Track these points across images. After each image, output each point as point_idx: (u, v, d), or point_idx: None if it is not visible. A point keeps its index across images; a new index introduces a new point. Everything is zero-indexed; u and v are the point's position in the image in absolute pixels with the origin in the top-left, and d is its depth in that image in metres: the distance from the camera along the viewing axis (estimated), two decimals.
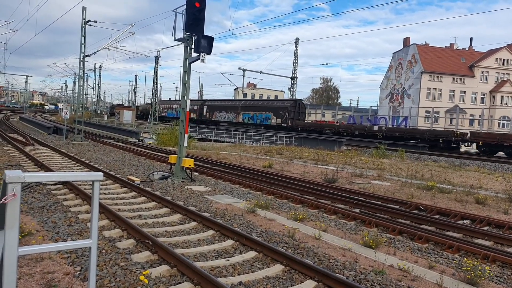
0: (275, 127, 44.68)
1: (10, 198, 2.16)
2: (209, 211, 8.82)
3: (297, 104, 45.72)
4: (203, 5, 11.95)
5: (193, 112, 58.03)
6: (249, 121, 49.32)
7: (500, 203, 11.37)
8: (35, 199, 8.95)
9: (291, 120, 44.35)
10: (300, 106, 46.39)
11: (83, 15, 25.82)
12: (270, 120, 46.44)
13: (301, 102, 48.28)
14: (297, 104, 45.95)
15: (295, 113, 44.78)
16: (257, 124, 47.96)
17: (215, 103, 58.39)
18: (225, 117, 53.33)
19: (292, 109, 44.70)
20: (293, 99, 49.65)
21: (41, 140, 24.39)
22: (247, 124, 49.26)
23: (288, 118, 44.24)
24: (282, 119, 44.79)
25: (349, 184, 13.82)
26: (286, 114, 44.34)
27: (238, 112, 51.26)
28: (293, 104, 45.45)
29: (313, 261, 5.93)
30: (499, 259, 6.44)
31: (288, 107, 44.70)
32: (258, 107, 49.34)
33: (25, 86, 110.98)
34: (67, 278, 4.85)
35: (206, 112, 57.16)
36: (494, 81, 61.91)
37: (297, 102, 46.76)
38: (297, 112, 44.99)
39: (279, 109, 45.52)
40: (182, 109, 13.12)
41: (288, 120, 44.22)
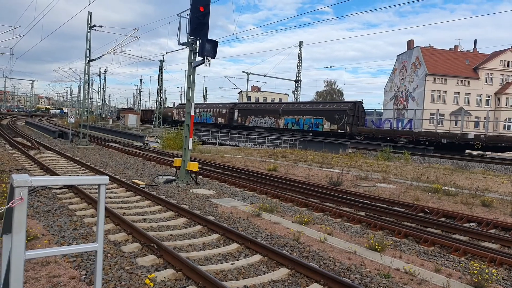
0: (329, 134, 38.72)
1: (17, 202, 2.18)
2: (214, 214, 8.82)
3: (356, 107, 39.19)
4: (207, 10, 12.00)
5: (221, 117, 54.68)
6: (293, 126, 43.25)
7: (506, 206, 11.28)
8: (41, 203, 8.99)
9: (350, 126, 38.12)
10: (360, 109, 39.81)
11: (88, 20, 26.00)
12: (322, 125, 40.02)
13: (361, 104, 40.74)
14: (357, 107, 39.34)
15: (354, 118, 38.53)
16: (304, 131, 41.92)
17: (249, 107, 52.95)
18: (262, 122, 47.75)
19: (351, 112, 38.38)
20: (352, 101, 42.24)
21: (46, 144, 24.52)
22: (291, 131, 43.42)
23: (346, 123, 37.79)
24: (338, 124, 38.32)
25: (354, 187, 13.77)
26: (344, 118, 37.96)
27: (279, 117, 45.43)
28: (352, 107, 38.99)
29: (319, 264, 5.91)
30: (506, 262, 6.39)
31: (346, 110, 38.22)
32: (305, 110, 42.80)
33: (31, 90, 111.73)
34: (72, 282, 4.87)
35: (237, 117, 51.84)
36: (499, 83, 61.58)
37: (357, 104, 39.72)
38: (356, 116, 38.73)
39: (333, 113, 39.03)
40: (187, 113, 13.15)
41: (346, 126, 37.83)
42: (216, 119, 55.66)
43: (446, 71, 59.89)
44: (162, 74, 59.34)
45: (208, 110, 58.42)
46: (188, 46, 12.77)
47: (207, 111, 58.43)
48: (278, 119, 45.70)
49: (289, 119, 44.23)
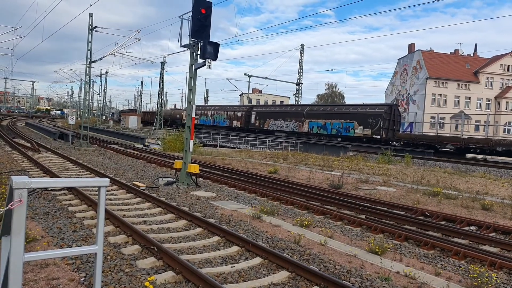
0: (362, 139, 35.97)
1: (17, 204, 2.17)
2: (215, 217, 8.80)
3: (392, 111, 36.08)
4: (209, 12, 12.02)
5: (237, 120, 51.68)
6: (320, 131, 39.91)
7: (506, 209, 11.26)
8: (40, 205, 8.98)
9: (386, 131, 35.01)
10: (396, 113, 36.53)
11: (89, 21, 26.05)
12: (353, 130, 36.76)
13: (397, 108, 37.85)
14: (393, 110, 36.28)
15: (390, 122, 35.44)
16: (332, 136, 38.84)
17: (267, 109, 49.61)
18: (283, 126, 44.59)
19: (387, 116, 35.17)
20: (387, 104, 39.91)
21: (46, 145, 24.52)
22: (316, 135, 40.30)
23: (382, 128, 34.62)
24: (373, 129, 35.14)
25: (355, 190, 13.75)
26: (379, 123, 34.66)
27: (302, 120, 42.07)
28: (388, 110, 35.77)
29: (319, 267, 5.90)
30: (506, 265, 6.38)
31: (382, 114, 34.83)
32: (334, 114, 39.31)
33: (31, 91, 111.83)
34: (72, 285, 4.85)
35: (255, 120, 48.54)
36: (499, 87, 61.63)
37: (393, 108, 36.76)
38: (392, 120, 35.66)
39: (367, 117, 35.74)
40: (188, 115, 13.15)
41: (382, 131, 34.64)
42: (230, 122, 53.05)
43: (446, 74, 59.95)
44: (163, 76, 59.44)
45: (222, 112, 55.66)
46: (189, 48, 12.78)
47: (220, 113, 55.70)
48: (302, 123, 42.25)
49: (315, 122, 40.84)
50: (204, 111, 60.13)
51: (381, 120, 34.83)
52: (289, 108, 47.28)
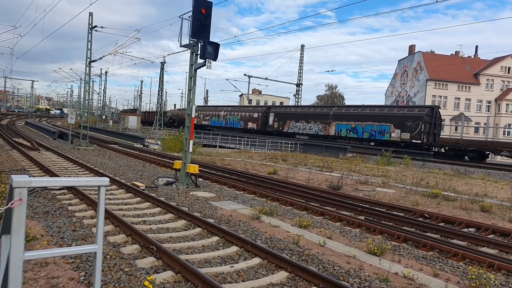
0: (399, 144, 32.80)
1: (17, 202, 2.18)
2: (214, 217, 8.81)
3: (434, 113, 32.54)
4: (209, 12, 12.03)
5: (252, 121, 48.37)
6: (349, 134, 36.68)
7: (505, 211, 11.28)
8: (40, 204, 8.99)
9: (427, 135, 31.72)
10: (437, 116, 32.94)
11: (89, 21, 26.06)
12: (389, 133, 33.57)
13: (438, 110, 33.98)
14: (434, 112, 32.65)
15: (431, 125, 32.13)
16: (364, 139, 35.59)
17: (287, 111, 45.97)
18: (305, 128, 41.21)
19: (429, 119, 31.84)
20: (429, 106, 36.27)
21: (46, 145, 24.52)
22: (345, 139, 37.05)
23: (423, 132, 31.35)
24: (412, 133, 31.94)
25: (354, 191, 13.77)
26: (420, 126, 31.48)
27: (328, 123, 38.65)
28: (429, 112, 32.20)
29: (318, 268, 5.91)
30: (504, 267, 6.40)
31: (423, 116, 31.51)
32: (366, 116, 35.73)
33: (31, 91, 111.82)
34: (71, 283, 4.86)
35: (273, 122, 45.38)
36: (500, 89, 61.70)
37: (434, 110, 33.05)
38: (433, 124, 32.33)
39: (405, 119, 32.61)
40: (188, 115, 13.16)
41: (423, 135, 31.38)
42: (245, 124, 49.83)
43: (447, 76, 59.99)
44: (163, 76, 59.42)
45: (235, 113, 52.63)
46: (189, 48, 12.79)
47: (234, 114, 52.68)
48: (328, 125, 38.76)
49: (343, 125, 37.35)
50: (215, 112, 56.83)
51: (422, 123, 31.52)
52: (313, 109, 43.16)
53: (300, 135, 41.73)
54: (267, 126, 46.48)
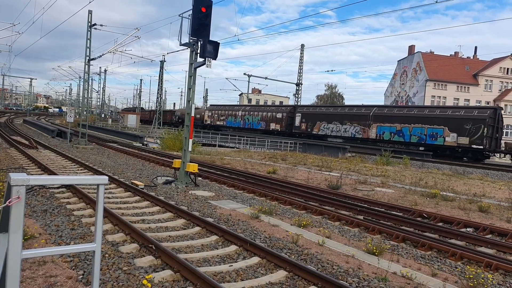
0: (455, 150, 29.76)
1: (15, 201, 2.17)
2: (213, 216, 8.81)
3: (496, 115, 29.15)
4: (209, 11, 12.01)
5: (276, 122, 45.23)
6: (393, 137, 33.32)
7: (503, 212, 11.30)
8: (38, 202, 8.97)
9: (489, 140, 28.49)
10: (499, 118, 29.51)
11: (89, 19, 26.02)
12: (443, 137, 30.13)
13: (501, 111, 30.57)
14: (497, 114, 29.27)
15: (494, 129, 28.91)
16: (411, 144, 32.32)
17: (318, 111, 41.81)
18: (339, 131, 37.74)
19: (492, 122, 28.57)
20: (491, 107, 32.89)
21: (44, 143, 24.49)
22: (388, 142, 33.71)
23: (485, 136, 28.07)
24: (472, 137, 28.61)
25: (353, 191, 13.77)
26: (482, 129, 28.17)
27: (368, 124, 35.24)
28: (492, 114, 28.83)
29: (317, 267, 5.91)
30: (501, 267, 6.41)
31: (486, 119, 28.18)
32: (414, 117, 32.27)
33: (29, 89, 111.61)
34: (69, 282, 4.85)
35: (300, 123, 41.81)
36: (498, 90, 61.83)
37: (497, 111, 29.66)
38: (496, 127, 29.17)
39: (464, 122, 29.17)
40: (187, 114, 13.14)
41: (485, 140, 28.08)
42: (267, 125, 46.52)
43: (446, 77, 60.06)
44: (163, 75, 59.34)
45: (255, 113, 48.99)
46: (189, 47, 12.77)
47: (253, 114, 49.06)
48: (367, 127, 35.24)
49: (386, 127, 33.80)
50: (232, 112, 52.93)
51: (485, 126, 27.95)
52: (348, 109, 38.98)
53: (332, 138, 38.16)
54: (293, 127, 43.01)
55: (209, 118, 57.07)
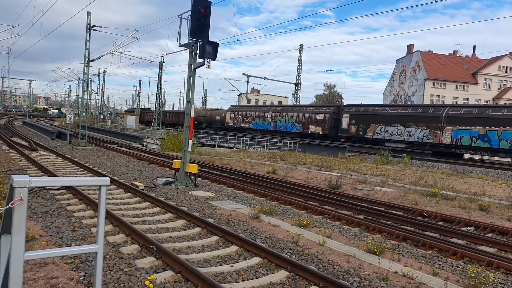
0: None
1: (17, 202, 2.17)
2: (213, 216, 8.81)
3: None
4: (208, 11, 12.01)
5: (316, 124, 40.21)
6: (475, 142, 28.18)
7: (503, 210, 11.31)
8: (39, 204, 8.97)
9: None
10: None
11: (88, 20, 26.01)
12: None
13: None
14: None
15: None
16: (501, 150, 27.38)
17: (372, 111, 35.79)
18: (401, 134, 32.38)
19: None
20: None
21: (44, 144, 24.47)
22: (467, 148, 29.23)
23: None
24: None
25: (353, 191, 13.78)
26: None
27: (440, 127, 30.10)
28: None
29: (318, 267, 5.91)
30: (503, 266, 6.41)
31: None
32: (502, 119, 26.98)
33: (28, 90, 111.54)
34: (71, 284, 4.85)
35: (349, 125, 36.58)
36: (497, 89, 61.89)
37: None
38: None
39: None
40: (187, 114, 13.13)
41: None
42: (304, 127, 41.56)
43: (445, 75, 60.12)
44: (162, 76, 59.33)
45: (288, 114, 44.01)
46: (188, 47, 12.78)
47: (286, 116, 44.12)
48: (439, 131, 30.16)
49: (465, 131, 28.75)
50: (259, 113, 47.86)
51: None
52: (411, 110, 33.28)
53: (392, 143, 32.93)
54: (340, 130, 37.86)
55: (232, 119, 52.33)
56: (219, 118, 55.13)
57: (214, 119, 56.45)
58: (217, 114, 56.81)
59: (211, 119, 56.36)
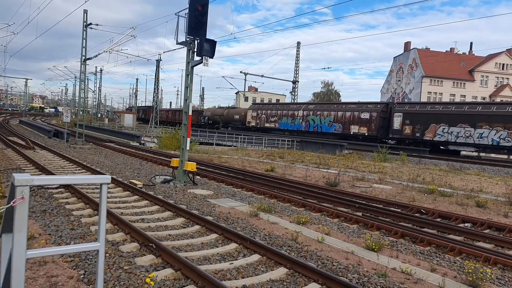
0: None
1: (19, 201, 2.18)
2: (212, 214, 8.83)
3: None
4: (206, 9, 11.99)
5: (359, 124, 36.03)
6: None
7: (500, 206, 11.38)
8: (37, 203, 8.96)
9: None
10: None
11: (84, 18, 25.91)
12: None
13: None
14: None
15: None
16: None
17: (430, 110, 31.25)
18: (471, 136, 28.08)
19: None
20: None
21: (41, 143, 24.40)
22: None
23: None
24: None
25: (351, 188, 13.82)
26: None
27: None
28: None
29: (317, 264, 5.94)
30: (500, 261, 6.46)
31: None
32: None
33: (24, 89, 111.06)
34: (71, 282, 4.86)
35: (402, 125, 32.25)
36: (494, 86, 62.06)
37: None
38: None
39: None
40: (185, 112, 13.13)
41: None
42: (345, 127, 37.41)
43: (442, 73, 60.24)
44: (159, 74, 59.17)
45: (324, 113, 39.63)
46: (186, 45, 12.77)
47: (322, 114, 39.59)
48: None
49: None
50: (287, 111, 43.53)
51: None
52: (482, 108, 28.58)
53: (458, 146, 29.26)
54: (390, 131, 33.54)
55: (254, 119, 48.43)
56: (238, 117, 51.36)
57: (232, 118, 52.95)
58: (236, 113, 53.18)
59: (229, 118, 52.93)
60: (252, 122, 48.99)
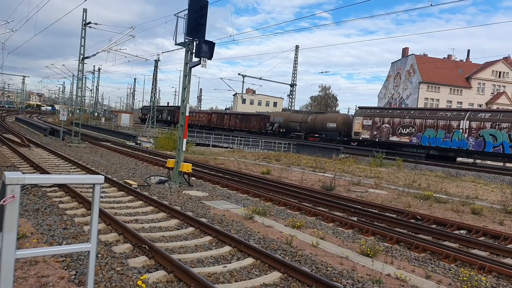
0: None
1: (9, 200, 2.13)
2: (207, 216, 8.77)
3: None
4: (205, 11, 11.98)
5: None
6: None
7: (495, 214, 11.38)
8: (30, 201, 8.88)
9: None
10: None
11: (83, 17, 25.84)
12: None
13: None
14: None
15: None
16: None
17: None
18: None
19: None
20: None
21: (37, 141, 24.26)
22: None
23: None
24: None
25: (347, 192, 13.80)
26: None
27: None
28: None
29: (311, 269, 5.90)
30: (495, 269, 6.44)
31: None
32: None
33: (22, 86, 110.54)
34: (62, 282, 4.80)
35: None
36: (490, 93, 62.39)
37: None
38: None
39: None
40: (182, 113, 13.08)
41: None
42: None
43: (439, 79, 60.49)
44: (157, 74, 59.12)
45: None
46: (184, 46, 12.73)
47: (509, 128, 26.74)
48: None
49: None
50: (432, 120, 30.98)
51: None
52: None
53: None
54: None
55: (368, 129, 35.48)
56: (335, 126, 39.38)
57: (324, 126, 40.40)
58: (329, 120, 40.53)
59: (317, 127, 41.05)
60: (365, 133, 35.80)
